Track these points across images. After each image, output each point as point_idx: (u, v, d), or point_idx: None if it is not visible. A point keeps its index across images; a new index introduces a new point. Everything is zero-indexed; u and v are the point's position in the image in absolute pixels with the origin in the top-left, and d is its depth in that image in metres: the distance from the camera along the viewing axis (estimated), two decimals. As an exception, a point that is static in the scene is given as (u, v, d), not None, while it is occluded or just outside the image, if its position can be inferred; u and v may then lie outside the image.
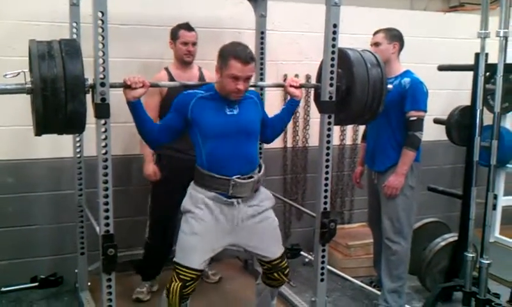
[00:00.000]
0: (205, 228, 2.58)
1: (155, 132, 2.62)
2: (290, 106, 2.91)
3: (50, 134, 2.41)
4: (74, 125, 2.36)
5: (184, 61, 3.40)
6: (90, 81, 2.38)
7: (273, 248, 2.76)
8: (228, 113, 2.60)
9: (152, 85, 2.63)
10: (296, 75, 4.11)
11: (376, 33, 3.42)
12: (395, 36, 3.38)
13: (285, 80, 4.14)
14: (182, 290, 2.54)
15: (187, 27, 3.42)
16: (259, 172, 2.71)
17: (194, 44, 3.41)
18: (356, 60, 2.83)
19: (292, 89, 2.82)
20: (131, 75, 2.48)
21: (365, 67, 2.82)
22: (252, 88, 2.83)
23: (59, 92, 2.24)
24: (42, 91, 2.22)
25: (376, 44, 3.37)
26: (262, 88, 3.50)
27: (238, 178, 2.59)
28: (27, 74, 2.31)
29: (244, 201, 2.64)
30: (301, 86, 2.88)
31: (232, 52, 2.50)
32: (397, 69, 3.37)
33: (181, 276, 2.54)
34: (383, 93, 2.88)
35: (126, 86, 2.47)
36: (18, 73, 2.31)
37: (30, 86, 2.27)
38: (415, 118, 3.25)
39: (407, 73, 3.35)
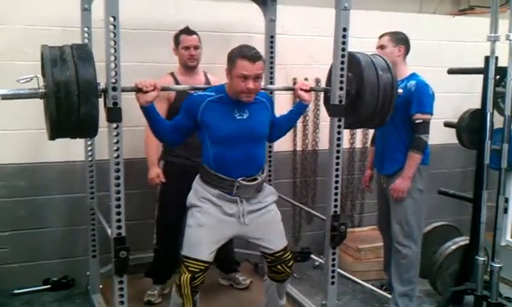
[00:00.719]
0: (210, 220, 2.64)
1: (168, 132, 2.67)
2: (298, 109, 2.93)
3: (64, 138, 2.44)
4: (87, 128, 2.39)
5: (188, 66, 3.39)
6: (102, 85, 2.40)
7: (276, 240, 2.81)
8: (238, 118, 2.63)
9: (163, 89, 2.66)
10: (306, 79, 4.12)
11: (381, 36, 3.42)
12: (400, 40, 3.38)
13: (294, 84, 4.14)
14: (192, 281, 2.59)
15: (188, 31, 3.41)
16: (263, 173, 2.77)
17: (196, 48, 3.38)
18: (366, 64, 2.83)
19: (301, 93, 2.82)
20: (142, 79, 2.51)
21: (375, 72, 2.83)
22: (262, 91, 2.84)
23: (72, 96, 2.26)
24: (55, 96, 2.24)
25: (382, 47, 3.37)
26: (271, 92, 3.51)
27: (243, 179, 2.64)
28: (40, 79, 2.34)
29: (248, 200, 2.70)
30: (310, 90, 2.89)
31: (238, 53, 2.53)
32: (403, 72, 3.36)
33: (190, 268, 2.60)
34: (393, 98, 2.88)
35: (138, 90, 2.49)
36: (31, 78, 2.33)
37: (43, 90, 2.31)
38: (420, 121, 3.24)
39: (413, 76, 3.35)
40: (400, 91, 3.01)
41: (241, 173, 2.64)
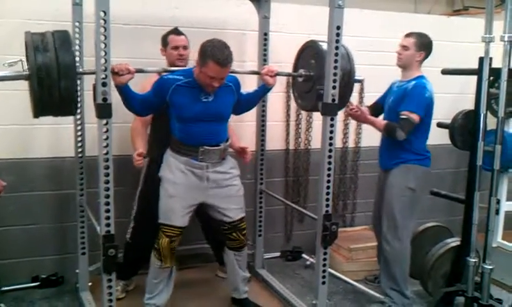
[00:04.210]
0: (178, 190, 2.97)
1: (138, 105, 2.89)
2: (263, 91, 3.22)
3: (47, 116, 2.60)
4: (68, 105, 2.51)
5: (177, 66, 3.33)
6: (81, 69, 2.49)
7: (235, 211, 3.14)
8: (203, 100, 2.91)
9: (137, 71, 2.73)
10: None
11: (407, 36, 3.41)
12: (424, 45, 3.37)
13: (288, 81, 4.13)
14: (170, 244, 2.98)
15: (176, 31, 3.46)
16: (226, 142, 3.06)
17: (185, 48, 3.42)
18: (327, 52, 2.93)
19: (266, 78, 3.08)
20: (118, 63, 2.59)
21: None
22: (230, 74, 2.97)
23: (52, 76, 2.41)
24: (37, 76, 2.40)
25: (404, 47, 3.38)
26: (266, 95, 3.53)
27: (207, 145, 2.95)
28: (25, 63, 2.48)
29: (214, 166, 3.00)
30: (276, 75, 3.11)
31: (211, 55, 2.73)
32: (413, 74, 3.39)
33: (167, 233, 2.98)
34: (350, 85, 3.11)
35: (113, 73, 2.57)
36: (17, 62, 2.47)
37: (27, 72, 2.43)
38: (405, 117, 3.26)
39: (418, 77, 3.37)
40: (360, 78, 3.21)
41: (204, 143, 2.95)
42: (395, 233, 3.41)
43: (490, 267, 3.27)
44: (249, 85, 3.49)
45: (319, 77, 3.00)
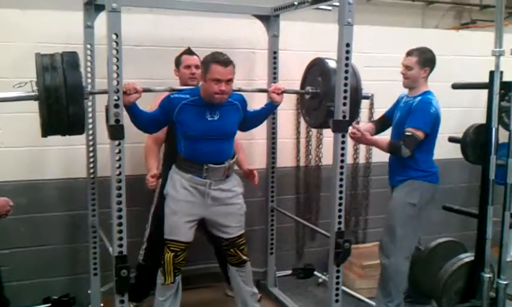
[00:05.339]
0: (182, 206, 3.01)
1: (145, 123, 2.95)
2: (270, 108, 3.26)
3: (55, 135, 2.66)
4: (75, 127, 2.59)
5: (189, 86, 3.36)
6: (89, 88, 2.57)
7: (235, 229, 3.16)
8: (209, 119, 2.95)
9: (145, 90, 2.77)
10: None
11: (408, 55, 3.39)
12: (427, 61, 3.36)
13: (298, 98, 4.15)
14: (174, 259, 3.00)
15: (189, 51, 3.53)
16: (231, 159, 3.07)
17: (197, 67, 3.45)
18: (333, 70, 2.97)
19: (273, 95, 3.14)
20: (126, 83, 2.61)
21: None
22: (236, 93, 3.03)
23: (60, 98, 2.49)
24: (46, 98, 2.47)
25: (408, 67, 3.36)
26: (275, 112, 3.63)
27: (212, 163, 2.97)
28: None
29: (217, 183, 3.02)
30: (283, 92, 3.15)
31: (212, 59, 2.83)
32: (420, 90, 3.38)
33: (172, 248, 3.01)
34: (358, 101, 3.14)
35: (122, 92, 2.57)
36: (26, 83, 2.53)
37: (36, 93, 2.49)
38: (410, 134, 3.25)
39: (424, 93, 3.36)
40: (368, 94, 3.29)
41: (209, 161, 2.97)
42: (393, 248, 3.39)
43: (505, 282, 3.24)
44: (258, 101, 3.50)
45: (326, 94, 3.03)
